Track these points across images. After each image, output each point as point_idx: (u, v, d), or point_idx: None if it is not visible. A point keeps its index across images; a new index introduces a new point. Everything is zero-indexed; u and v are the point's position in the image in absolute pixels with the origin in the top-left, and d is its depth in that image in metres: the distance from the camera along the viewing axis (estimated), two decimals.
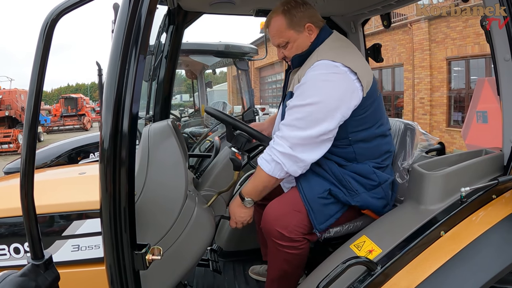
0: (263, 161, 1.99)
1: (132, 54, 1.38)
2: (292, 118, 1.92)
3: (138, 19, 1.38)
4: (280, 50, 2.19)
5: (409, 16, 16.69)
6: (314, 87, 1.92)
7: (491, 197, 1.88)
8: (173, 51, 3.17)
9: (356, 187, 2.05)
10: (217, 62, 7.24)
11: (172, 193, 1.90)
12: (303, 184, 2.06)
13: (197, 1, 2.90)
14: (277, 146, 1.93)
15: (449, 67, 15.15)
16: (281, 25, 2.10)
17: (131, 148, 1.41)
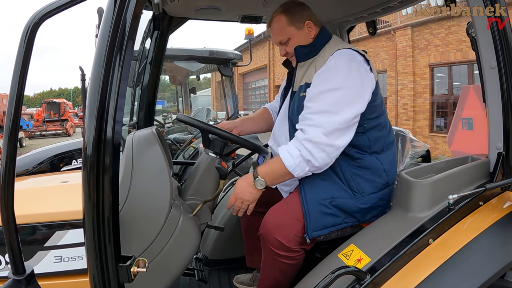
0: (287, 154, 1.91)
1: (117, 60, 1.36)
2: (324, 103, 1.89)
3: (123, 24, 1.36)
4: (283, 47, 2.24)
5: (392, 23, 16.89)
6: (341, 71, 1.94)
7: (478, 203, 1.89)
8: (158, 56, 3.13)
9: (364, 188, 2.03)
10: (201, 68, 7.23)
11: (157, 202, 1.87)
12: (305, 186, 2.02)
13: (183, 6, 2.86)
14: (309, 136, 1.86)
15: (432, 73, 15.36)
16: (282, 23, 2.18)
17: (115, 155, 1.39)
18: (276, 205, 2.11)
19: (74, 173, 3.00)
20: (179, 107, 8.79)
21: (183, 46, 6.29)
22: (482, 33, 1.96)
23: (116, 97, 1.36)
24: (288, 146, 1.94)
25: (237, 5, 2.93)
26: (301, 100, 2.05)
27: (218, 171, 2.08)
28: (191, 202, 2.20)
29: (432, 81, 15.42)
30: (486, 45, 1.96)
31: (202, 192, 2.22)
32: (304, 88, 2.07)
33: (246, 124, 2.60)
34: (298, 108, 2.06)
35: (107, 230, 1.40)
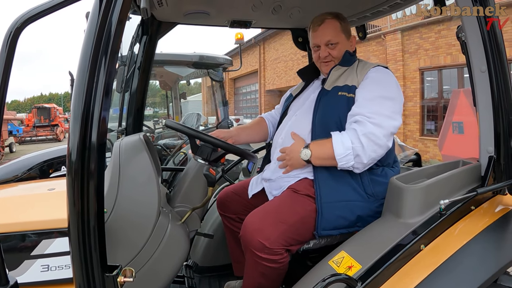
0: (339, 142, 1.96)
1: (102, 63, 1.33)
2: (384, 108, 1.99)
3: (108, 28, 1.34)
4: (326, 50, 2.29)
5: (382, 27, 16.98)
6: (392, 84, 2.11)
7: (470, 208, 1.88)
8: (146, 62, 3.09)
9: (378, 191, 2.06)
10: (191, 73, 7.21)
11: (145, 210, 1.85)
12: (321, 186, 2.05)
13: (171, 11, 2.85)
14: (369, 131, 1.92)
15: (422, 77, 15.44)
16: (337, 27, 2.28)
17: (100, 161, 1.36)
18: (257, 209, 2.08)
19: (61, 180, 2.94)
20: (169, 112, 8.76)
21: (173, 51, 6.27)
22: (472, 36, 1.96)
23: (101, 101, 1.33)
24: (342, 135, 1.99)
25: (226, 10, 2.91)
26: (340, 99, 2.11)
27: (206, 178, 2.05)
28: (179, 209, 2.18)
29: (422, 85, 15.50)
30: (476, 49, 1.96)
31: (190, 199, 2.19)
32: (345, 89, 2.13)
33: (242, 134, 2.59)
34: (334, 106, 2.12)
35: (93, 238, 1.36)
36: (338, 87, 2.17)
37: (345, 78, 2.19)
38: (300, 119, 2.28)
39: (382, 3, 2.68)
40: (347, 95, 2.10)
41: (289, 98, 2.56)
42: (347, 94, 2.11)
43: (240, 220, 2.41)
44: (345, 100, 2.10)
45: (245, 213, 2.26)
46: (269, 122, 2.72)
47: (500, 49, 1.90)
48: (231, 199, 2.53)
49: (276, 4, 2.83)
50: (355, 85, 2.12)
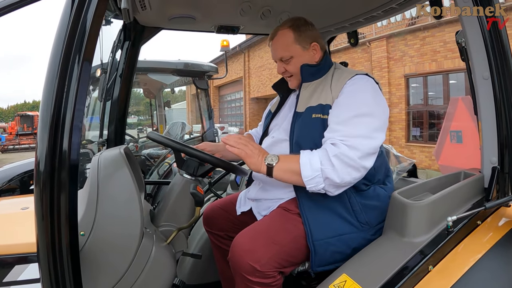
0: (307, 163, 1.73)
1: (75, 62, 1.22)
2: (359, 128, 1.76)
3: (82, 27, 1.23)
4: (282, 65, 2.11)
5: (367, 34, 17.07)
6: (369, 97, 1.85)
7: (476, 223, 1.76)
8: (129, 69, 2.95)
9: (371, 218, 1.89)
10: (176, 81, 7.05)
11: (126, 232, 1.70)
12: (311, 224, 1.85)
13: (155, 15, 2.71)
14: (341, 151, 1.69)
15: (407, 83, 15.54)
16: (287, 39, 2.06)
17: (72, 171, 1.24)
18: (246, 228, 1.92)
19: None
20: (153, 121, 8.59)
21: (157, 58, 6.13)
22: (473, 40, 1.85)
23: (74, 104, 1.22)
24: (312, 155, 1.76)
25: (213, 15, 2.80)
26: (315, 122, 1.90)
27: (194, 197, 1.91)
28: (164, 229, 2.03)
29: (408, 92, 15.61)
30: (478, 54, 1.85)
31: (176, 218, 2.05)
32: (318, 110, 1.92)
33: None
34: (308, 130, 1.92)
35: (66, 260, 1.22)
36: (311, 108, 1.96)
37: (319, 95, 1.97)
38: (278, 142, 2.11)
39: (376, 8, 2.58)
40: (322, 117, 1.90)
41: (269, 115, 2.38)
42: (322, 116, 1.90)
43: (228, 237, 2.28)
44: (320, 123, 1.89)
45: (233, 230, 2.15)
46: (256, 139, 2.53)
47: (506, 52, 1.78)
48: (218, 215, 2.38)
49: (265, 8, 2.72)
50: (329, 104, 1.91)
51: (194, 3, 2.58)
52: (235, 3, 2.60)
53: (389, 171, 2.07)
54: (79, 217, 1.56)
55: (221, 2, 2.60)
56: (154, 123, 8.55)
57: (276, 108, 2.31)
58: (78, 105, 1.23)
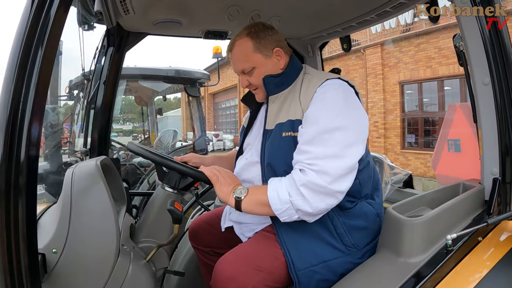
0: (275, 196, 1.58)
1: (37, 57, 1.12)
2: (327, 147, 1.56)
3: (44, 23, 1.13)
4: (245, 77, 1.90)
5: (362, 41, 17.07)
6: (340, 107, 1.64)
7: (477, 240, 1.63)
8: (113, 76, 2.82)
9: (358, 240, 1.73)
10: (167, 88, 6.94)
11: (101, 249, 1.60)
12: (292, 252, 1.68)
13: (139, 20, 2.60)
14: (310, 179, 1.52)
15: (402, 90, 15.53)
16: (247, 48, 1.85)
17: (30, 178, 1.13)
18: (229, 252, 1.76)
19: None
20: (145, 128, 8.47)
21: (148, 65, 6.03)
22: (472, 43, 1.73)
23: (32, 109, 1.12)
24: (279, 186, 1.60)
25: (199, 19, 2.70)
26: (286, 141, 1.72)
27: (171, 214, 1.78)
28: (145, 245, 1.93)
29: (403, 98, 15.60)
30: (477, 58, 1.72)
31: (157, 234, 1.95)
32: (288, 127, 1.73)
33: (217, 163, 2.16)
34: (280, 150, 1.74)
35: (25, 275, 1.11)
36: (280, 124, 1.77)
37: (287, 110, 1.77)
38: (250, 165, 1.92)
39: (369, 12, 2.48)
40: (293, 135, 1.70)
41: (242, 131, 2.18)
42: (292, 134, 1.71)
43: (214, 253, 2.15)
44: (291, 142, 1.70)
45: (219, 246, 2.04)
46: None
47: (507, 56, 1.66)
48: (203, 230, 2.24)
49: (254, 13, 2.62)
50: (300, 119, 1.71)
51: (179, 8, 2.48)
52: (222, 8, 2.51)
53: (377, 184, 1.90)
54: (51, 234, 1.53)
55: (207, 7, 2.50)
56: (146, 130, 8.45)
57: (248, 124, 2.13)
58: (37, 107, 1.13)
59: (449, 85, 13.62)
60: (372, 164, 1.88)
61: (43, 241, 1.51)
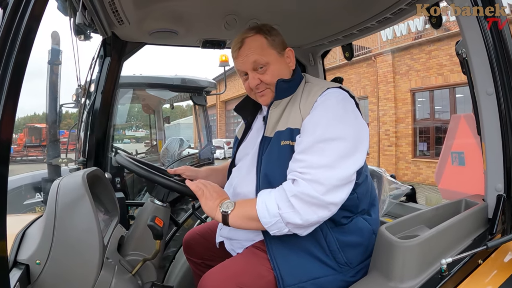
0: (264, 209, 1.51)
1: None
2: (323, 156, 1.49)
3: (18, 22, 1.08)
4: (256, 75, 1.77)
5: (373, 49, 16.99)
6: (339, 117, 1.57)
7: (477, 262, 1.52)
8: (110, 86, 2.79)
9: (352, 258, 1.64)
10: (174, 97, 6.92)
11: (84, 262, 1.59)
12: (281, 266, 1.61)
13: (135, 30, 2.58)
14: (301, 190, 1.45)
15: (414, 98, 15.38)
16: (261, 43, 1.75)
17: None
18: (215, 268, 1.70)
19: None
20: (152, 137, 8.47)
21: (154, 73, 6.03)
22: (475, 50, 1.63)
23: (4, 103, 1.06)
24: (268, 198, 1.53)
25: (196, 29, 2.68)
26: (284, 151, 1.64)
27: (151, 230, 1.72)
28: (132, 258, 1.90)
29: (414, 106, 15.46)
30: (481, 67, 1.62)
31: (144, 247, 1.92)
32: (287, 135, 1.66)
33: (211, 176, 2.16)
34: (277, 160, 1.66)
35: None
36: (279, 132, 1.69)
37: (287, 117, 1.70)
38: (245, 175, 1.83)
39: (369, 19, 2.42)
40: (291, 144, 1.63)
41: (236, 142, 2.10)
42: (291, 143, 1.63)
43: (206, 265, 2.09)
44: (289, 152, 1.61)
45: (211, 259, 2.01)
46: None
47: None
48: (196, 242, 2.19)
49: (252, 21, 2.57)
50: (298, 127, 1.64)
51: (174, 17, 2.46)
52: (218, 16, 2.47)
53: (374, 199, 1.81)
54: (35, 245, 1.52)
55: (203, 16, 2.47)
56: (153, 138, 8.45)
57: (243, 134, 2.05)
58: (9, 102, 1.07)
59: (461, 93, 13.43)
60: (370, 179, 1.80)
61: (27, 251, 1.52)
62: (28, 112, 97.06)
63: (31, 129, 33.05)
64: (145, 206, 2.01)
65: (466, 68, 1.75)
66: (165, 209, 1.97)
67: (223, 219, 1.60)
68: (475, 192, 1.92)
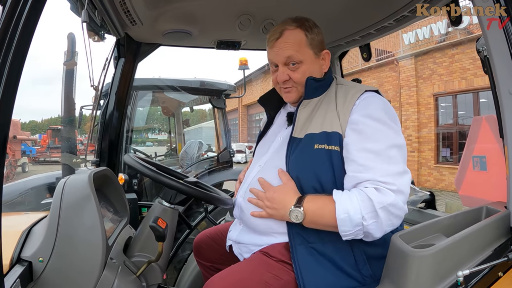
0: (346, 218, 1.45)
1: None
2: (396, 162, 1.48)
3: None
4: (286, 71, 1.72)
5: (395, 53, 16.80)
6: (391, 125, 1.56)
7: (497, 275, 1.42)
8: (124, 88, 2.77)
9: (376, 270, 1.58)
10: (193, 100, 6.92)
11: (86, 262, 1.58)
12: (305, 276, 1.56)
13: (149, 31, 2.57)
14: (390, 201, 1.42)
15: (436, 103, 15.14)
16: (300, 39, 1.70)
17: None
18: (219, 274, 1.66)
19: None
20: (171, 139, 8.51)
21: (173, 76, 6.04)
22: (497, 48, 1.52)
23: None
24: (352, 207, 1.45)
25: (209, 29, 2.66)
26: (318, 154, 1.58)
27: (153, 231, 1.68)
28: (138, 259, 1.89)
29: (437, 111, 15.22)
30: (503, 65, 1.52)
31: (150, 249, 1.90)
32: (323, 139, 1.60)
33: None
34: (310, 164, 1.60)
35: None
36: (312, 135, 1.62)
37: (322, 119, 1.64)
38: (267, 172, 1.75)
39: (386, 18, 2.35)
40: (327, 148, 1.56)
41: (258, 135, 2.06)
42: (327, 147, 1.56)
43: (215, 269, 2.06)
44: (325, 156, 1.56)
45: (221, 262, 1.99)
46: None
47: None
48: (206, 245, 2.15)
49: (267, 21, 2.53)
50: (337, 131, 1.57)
51: (187, 17, 2.44)
52: (232, 17, 2.45)
53: None
54: (39, 243, 1.54)
55: (216, 16, 2.44)
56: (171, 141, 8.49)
57: (264, 128, 2.02)
58: (6, 100, 1.06)
59: (485, 97, 13.13)
60: None
61: (31, 249, 1.53)
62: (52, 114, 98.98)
63: (55, 131, 33.73)
64: (153, 207, 2.00)
65: (488, 66, 1.66)
66: (173, 211, 1.95)
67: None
68: (497, 199, 1.82)
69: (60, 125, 37.06)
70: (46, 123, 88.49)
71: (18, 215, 2.30)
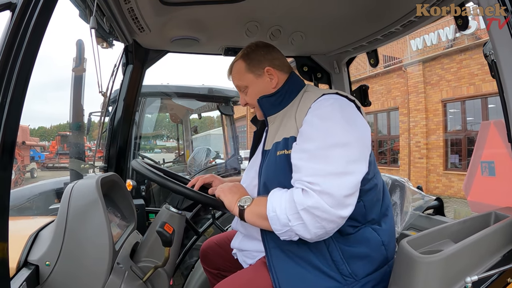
0: (275, 218, 1.47)
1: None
2: (330, 163, 1.43)
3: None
4: (242, 96, 1.93)
5: (403, 59, 16.77)
6: (339, 121, 1.52)
7: (506, 281, 1.41)
8: (132, 94, 2.79)
9: (357, 269, 1.56)
10: (202, 107, 6.92)
11: (92, 266, 1.60)
12: (280, 277, 1.57)
13: (157, 37, 2.58)
14: (311, 204, 1.38)
15: (445, 109, 15.07)
16: (240, 69, 1.88)
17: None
18: (224, 280, 1.68)
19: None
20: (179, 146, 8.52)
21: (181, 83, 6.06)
22: (504, 51, 1.52)
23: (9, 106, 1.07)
24: (279, 207, 1.48)
25: (217, 36, 2.67)
26: (279, 161, 1.63)
27: (159, 236, 1.67)
28: (144, 265, 1.89)
29: (445, 117, 15.14)
30: (510, 69, 1.51)
31: (156, 254, 1.90)
32: (283, 145, 1.64)
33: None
34: (274, 170, 1.65)
35: None
36: (276, 143, 1.69)
37: (284, 128, 1.70)
38: (250, 186, 1.84)
39: (393, 23, 2.35)
40: (286, 153, 1.60)
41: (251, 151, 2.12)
42: (286, 152, 1.61)
43: (222, 276, 2.07)
44: (284, 161, 1.60)
45: (227, 269, 2.00)
46: None
47: None
48: (213, 252, 2.17)
49: (274, 28, 2.54)
50: (293, 135, 1.61)
51: (195, 24, 2.46)
52: (239, 23, 2.46)
53: (387, 209, 1.73)
54: (46, 247, 1.55)
55: (223, 23, 2.46)
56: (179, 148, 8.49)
57: (252, 146, 2.08)
58: (14, 105, 1.07)
59: (493, 103, 13.04)
60: (381, 187, 1.73)
61: (38, 252, 1.54)
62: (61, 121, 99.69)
63: (63, 137, 33.95)
64: (160, 213, 2.00)
65: (495, 70, 1.65)
66: (180, 216, 1.95)
67: (239, 214, 1.62)
68: (506, 205, 1.81)
69: (68, 131, 37.41)
70: (55, 129, 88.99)
71: (26, 219, 2.32)
